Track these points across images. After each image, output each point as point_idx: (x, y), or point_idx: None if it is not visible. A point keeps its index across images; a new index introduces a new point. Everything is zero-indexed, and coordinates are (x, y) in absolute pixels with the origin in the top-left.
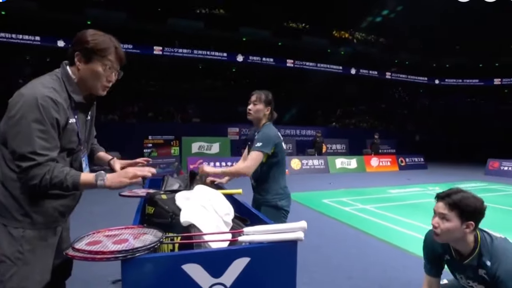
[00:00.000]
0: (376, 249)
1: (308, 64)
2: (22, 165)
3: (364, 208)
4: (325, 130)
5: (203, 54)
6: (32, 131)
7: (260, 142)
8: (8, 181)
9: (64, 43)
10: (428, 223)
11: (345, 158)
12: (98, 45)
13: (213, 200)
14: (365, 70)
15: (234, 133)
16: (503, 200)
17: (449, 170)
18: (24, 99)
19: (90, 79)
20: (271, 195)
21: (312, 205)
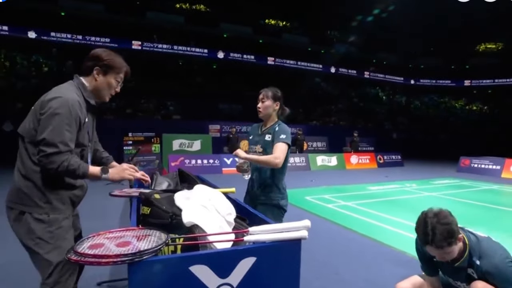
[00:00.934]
0: (359, 245)
1: (289, 62)
2: (47, 150)
3: (346, 205)
4: (305, 128)
5: (183, 50)
6: (63, 125)
7: (284, 134)
8: (32, 174)
9: (36, 34)
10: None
11: (326, 156)
12: (115, 64)
13: (213, 199)
14: (344, 69)
15: (215, 130)
16: (473, 196)
17: (424, 167)
18: (59, 101)
19: (104, 89)
20: (274, 194)
21: (295, 202)
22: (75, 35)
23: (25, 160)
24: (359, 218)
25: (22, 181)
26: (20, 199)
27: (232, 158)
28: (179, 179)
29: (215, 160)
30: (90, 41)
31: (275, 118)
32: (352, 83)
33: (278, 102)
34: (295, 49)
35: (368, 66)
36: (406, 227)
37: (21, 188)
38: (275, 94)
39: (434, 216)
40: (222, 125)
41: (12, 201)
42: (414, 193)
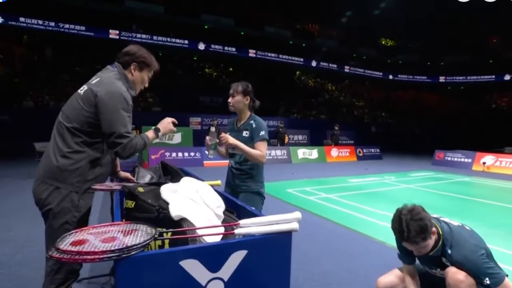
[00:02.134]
0: (341, 236)
1: (270, 55)
2: (123, 141)
3: (327, 197)
4: (287, 121)
5: (163, 40)
6: (125, 117)
7: (262, 131)
8: (75, 154)
9: (3, 19)
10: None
11: (307, 149)
12: (150, 62)
13: (201, 192)
14: (325, 63)
15: (196, 123)
16: (447, 188)
17: (401, 160)
18: (114, 95)
19: (138, 83)
20: (255, 182)
21: (277, 195)
22: (47, 22)
23: (69, 142)
24: (340, 210)
25: (62, 160)
26: (59, 177)
27: None
28: (162, 172)
29: (196, 153)
30: (64, 29)
31: (248, 112)
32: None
33: (248, 96)
34: (277, 42)
35: (348, 61)
36: (386, 218)
37: (59, 167)
38: (245, 89)
39: (408, 213)
40: (203, 118)
41: (50, 177)
42: (392, 185)
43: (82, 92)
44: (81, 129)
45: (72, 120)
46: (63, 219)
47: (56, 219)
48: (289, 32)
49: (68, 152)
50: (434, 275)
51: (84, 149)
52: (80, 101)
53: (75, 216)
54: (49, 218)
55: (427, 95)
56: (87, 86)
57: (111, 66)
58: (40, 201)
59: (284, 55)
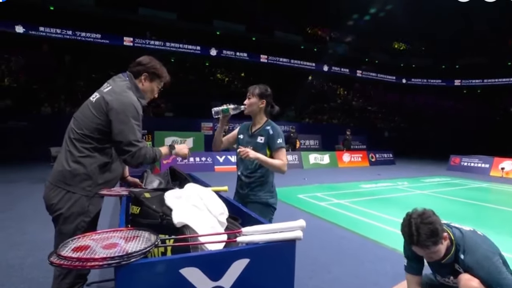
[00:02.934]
0: (352, 242)
1: (282, 60)
2: (132, 149)
3: (339, 203)
4: (298, 126)
5: (175, 46)
6: (134, 125)
7: (280, 138)
8: (86, 159)
9: (24, 29)
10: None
11: (318, 154)
12: (161, 73)
13: (205, 198)
14: (337, 67)
15: (207, 128)
16: (463, 194)
17: (415, 165)
18: (125, 104)
19: (147, 93)
20: (263, 192)
21: (288, 200)
22: (64, 30)
23: (79, 147)
24: (352, 216)
25: (74, 164)
26: (71, 181)
27: (225, 156)
28: (171, 177)
29: (208, 158)
30: (80, 37)
31: (263, 117)
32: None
33: (265, 100)
34: (288, 47)
35: (360, 65)
36: (398, 225)
37: (71, 171)
38: (263, 92)
39: (418, 216)
40: (215, 123)
41: (61, 181)
42: (406, 191)
43: (94, 100)
44: (91, 135)
45: (83, 126)
46: (73, 224)
47: (66, 223)
48: (300, 37)
49: (79, 157)
50: (447, 285)
51: (93, 154)
52: (92, 108)
53: (85, 220)
54: (59, 222)
55: (442, 99)
56: (99, 94)
57: (122, 74)
58: (51, 206)
59: (296, 60)
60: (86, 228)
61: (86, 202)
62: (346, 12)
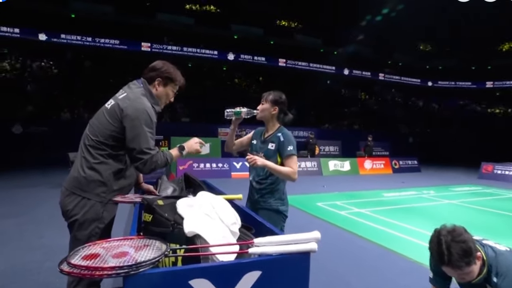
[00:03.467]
0: (373, 254)
1: (301, 64)
2: (144, 157)
3: (360, 212)
4: (317, 132)
5: (193, 51)
6: (147, 133)
7: (291, 145)
8: (101, 165)
9: (46, 37)
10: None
11: (338, 161)
12: (174, 77)
13: (217, 207)
14: (358, 70)
15: (225, 134)
16: (497, 204)
17: (442, 173)
18: (139, 111)
19: (162, 98)
20: (274, 199)
21: (307, 209)
22: (85, 37)
23: (94, 154)
24: (373, 226)
25: (88, 171)
26: (86, 187)
27: (242, 162)
28: (185, 184)
29: (224, 164)
30: (99, 43)
31: (276, 124)
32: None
33: (277, 107)
34: (307, 51)
35: (382, 68)
36: (423, 237)
37: (86, 177)
38: (276, 99)
39: (448, 233)
40: None
41: (76, 187)
42: (432, 200)
43: (109, 106)
44: (106, 142)
45: (97, 133)
46: (87, 230)
47: (81, 229)
48: (319, 40)
49: (94, 164)
50: None
51: (108, 160)
52: (107, 115)
53: (99, 227)
54: (74, 228)
55: (472, 102)
56: (114, 101)
57: (137, 81)
58: (67, 212)
59: (315, 64)
60: (100, 234)
61: (100, 208)
62: (368, 12)
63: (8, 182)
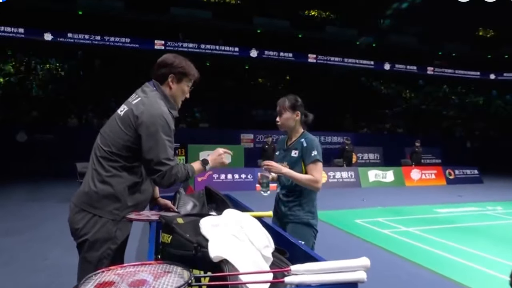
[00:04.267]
0: (425, 281)
1: (333, 59)
2: (162, 169)
3: (407, 231)
4: (354, 137)
5: (211, 48)
6: (165, 142)
7: (314, 150)
8: (113, 179)
9: (52, 36)
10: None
11: (380, 170)
12: (188, 71)
13: (247, 227)
14: (401, 65)
15: (248, 140)
16: None
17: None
18: (160, 117)
19: (178, 96)
20: (304, 211)
21: (343, 226)
22: (93, 36)
23: (106, 166)
24: (424, 248)
25: (100, 185)
26: (97, 203)
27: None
28: (206, 198)
29: (248, 175)
30: (109, 42)
31: (299, 129)
32: (412, 82)
33: (298, 111)
34: (341, 44)
35: (432, 60)
36: (490, 263)
37: (98, 192)
38: (294, 104)
39: None
40: (256, 134)
41: (87, 204)
42: (499, 218)
43: (122, 113)
44: (119, 153)
45: (110, 143)
46: (98, 251)
47: (91, 250)
48: (355, 31)
49: (106, 177)
50: None
51: (122, 173)
52: (120, 123)
53: (111, 248)
54: (84, 249)
55: None
56: (127, 107)
57: (149, 83)
58: (76, 231)
59: (350, 59)
60: (113, 256)
61: (113, 227)
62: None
63: (12, 196)
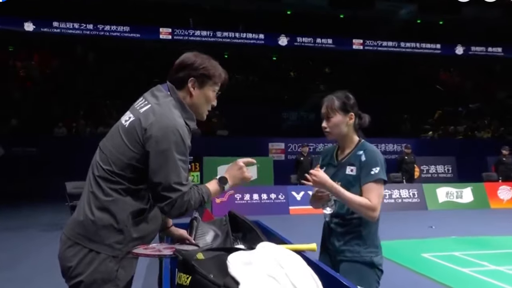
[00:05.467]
0: None
1: (386, 44)
2: (172, 196)
3: (497, 271)
4: (416, 143)
5: (230, 37)
6: (177, 161)
7: (377, 167)
8: (115, 204)
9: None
10: None
11: (453, 187)
12: (212, 72)
13: (288, 267)
14: (480, 47)
15: (278, 151)
16: None
17: None
18: (168, 131)
19: (203, 105)
20: (365, 247)
21: (406, 262)
22: (83, 24)
23: (106, 189)
24: None
25: (98, 212)
26: (94, 235)
27: (304, 191)
28: (230, 226)
29: (279, 195)
30: (104, 31)
31: (354, 137)
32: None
33: (351, 112)
34: (396, 24)
35: None
36: None
37: (95, 222)
38: (346, 103)
39: None
40: (288, 143)
41: (82, 236)
42: None
43: (127, 123)
44: (122, 174)
45: (111, 161)
46: None
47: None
48: (414, 6)
49: (106, 202)
50: None
51: (125, 198)
52: (124, 136)
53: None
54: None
55: None
56: (133, 115)
57: (163, 87)
58: (68, 270)
59: (409, 42)
60: None
61: (114, 265)
62: None
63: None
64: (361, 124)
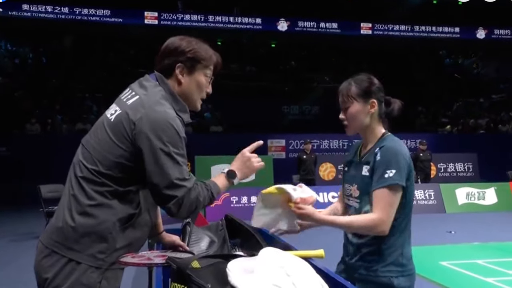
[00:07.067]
0: None
1: (399, 28)
2: (177, 194)
3: None
4: (432, 139)
5: (223, 21)
6: (175, 156)
7: (392, 168)
8: (99, 209)
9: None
10: None
11: (475, 188)
12: (202, 55)
13: (294, 274)
14: (504, 29)
15: (278, 148)
16: None
17: None
18: (161, 124)
19: (194, 93)
20: (383, 264)
21: (423, 271)
22: (58, 7)
23: (90, 191)
24: None
25: (80, 218)
26: (75, 244)
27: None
28: (228, 232)
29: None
30: (81, 15)
31: (377, 129)
32: None
33: (373, 99)
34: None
35: None
36: None
37: (76, 228)
38: (366, 88)
39: None
40: (289, 139)
41: (61, 244)
42: None
43: (113, 117)
44: (109, 173)
45: (96, 160)
46: None
47: None
48: None
49: (90, 206)
50: None
51: (111, 201)
52: (110, 131)
53: None
54: None
55: None
56: (119, 108)
57: (150, 76)
58: (45, 282)
59: (423, 26)
60: None
61: (97, 277)
62: None
63: None
64: (390, 113)
